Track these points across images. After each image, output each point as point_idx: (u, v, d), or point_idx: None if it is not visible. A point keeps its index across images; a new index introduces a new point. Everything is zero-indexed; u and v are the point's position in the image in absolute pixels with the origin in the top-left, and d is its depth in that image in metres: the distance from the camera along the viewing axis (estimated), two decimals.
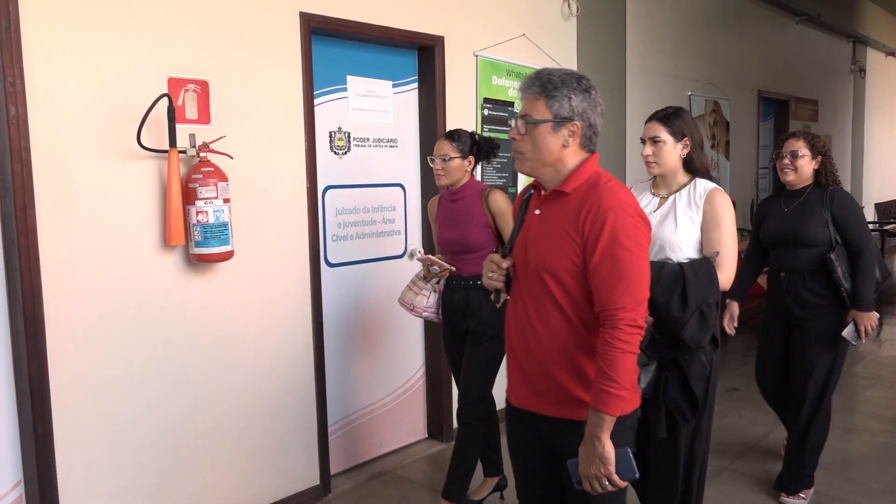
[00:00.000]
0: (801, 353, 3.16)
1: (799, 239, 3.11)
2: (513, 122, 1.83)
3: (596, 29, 4.85)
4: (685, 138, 2.47)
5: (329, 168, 3.43)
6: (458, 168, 2.95)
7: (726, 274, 2.36)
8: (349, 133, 3.52)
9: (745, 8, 6.84)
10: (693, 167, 2.49)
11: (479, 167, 4.04)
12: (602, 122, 1.84)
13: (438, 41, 3.74)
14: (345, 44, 3.45)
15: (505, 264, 1.92)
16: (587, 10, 4.71)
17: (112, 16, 2.53)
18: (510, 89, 4.21)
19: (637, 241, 1.72)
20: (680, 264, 2.32)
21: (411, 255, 3.81)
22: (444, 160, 2.92)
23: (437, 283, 3.07)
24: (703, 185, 2.46)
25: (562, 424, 1.83)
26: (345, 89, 3.48)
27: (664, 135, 2.47)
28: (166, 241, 2.65)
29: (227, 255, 2.75)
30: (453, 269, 2.98)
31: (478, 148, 3.00)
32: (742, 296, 3.37)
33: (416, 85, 3.82)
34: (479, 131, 4.04)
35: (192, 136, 2.70)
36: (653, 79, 5.49)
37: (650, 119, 2.53)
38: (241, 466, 3.02)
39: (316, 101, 3.28)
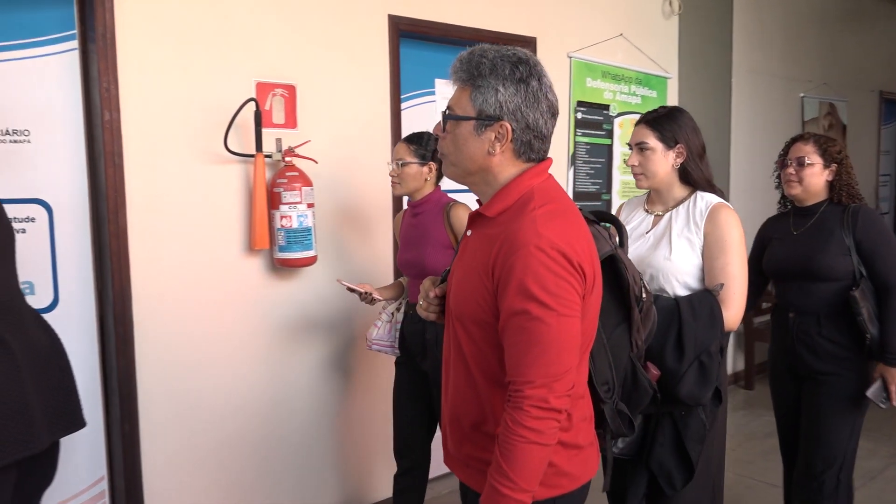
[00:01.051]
0: (814, 417, 2.50)
1: (812, 270, 2.46)
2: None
3: (699, 28, 4.59)
4: (678, 145, 2.07)
5: None
6: (415, 176, 2.52)
7: (732, 311, 1.95)
8: (437, 138, 3.44)
9: (866, 2, 6.34)
10: (690, 179, 2.09)
11: (570, 172, 3.91)
12: (550, 122, 1.41)
13: (530, 43, 3.62)
14: (434, 46, 3.39)
15: (433, 293, 1.59)
16: (690, 7, 4.47)
17: (204, 22, 2.56)
18: (606, 91, 4.04)
19: (556, 294, 1.28)
20: (676, 299, 1.96)
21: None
22: (399, 165, 2.52)
23: (398, 310, 2.64)
24: (704, 200, 2.06)
25: (471, 494, 1.49)
26: (433, 93, 3.41)
27: (652, 140, 2.08)
28: (251, 246, 2.66)
29: (311, 260, 2.73)
30: (372, 294, 2.54)
31: None
32: None
33: None
34: (572, 136, 3.89)
35: (278, 141, 2.70)
36: (761, 80, 5.15)
37: (638, 122, 2.16)
38: (323, 471, 3.00)
39: (403, 105, 3.23)
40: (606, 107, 4.06)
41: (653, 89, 4.30)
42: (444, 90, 3.45)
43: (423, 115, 3.39)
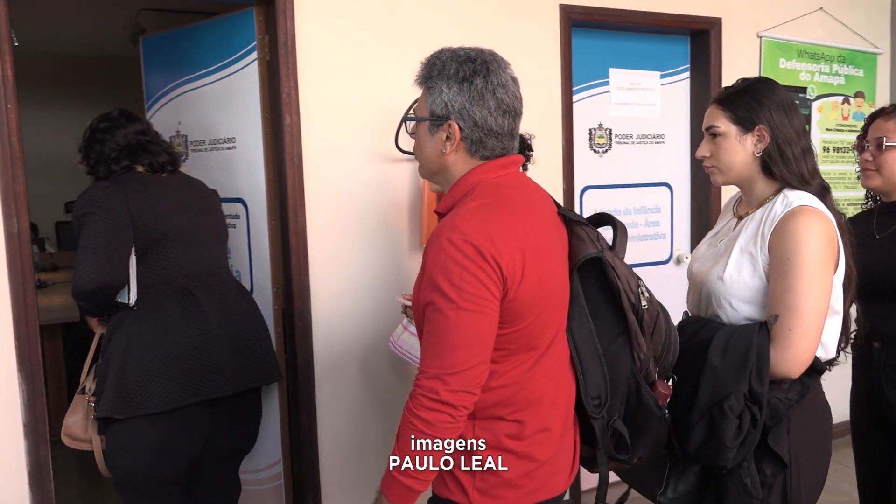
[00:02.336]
0: None
1: (891, 283, 1.96)
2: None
3: None
4: (757, 127, 1.61)
5: (588, 167, 3.24)
6: None
7: (788, 352, 1.48)
8: (611, 130, 3.30)
9: None
10: (774, 173, 1.62)
11: None
12: (503, 119, 1.37)
13: (715, 24, 3.35)
14: (607, 34, 3.24)
15: None
16: None
17: (377, 24, 2.61)
18: (802, 73, 3.66)
19: (460, 288, 1.25)
20: (718, 330, 1.57)
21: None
22: None
23: None
24: (787, 201, 1.57)
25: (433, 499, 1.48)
26: (607, 83, 3.26)
27: (723, 123, 1.65)
28: (420, 243, 2.68)
29: None
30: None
31: None
32: None
33: (687, 74, 3.47)
34: None
35: None
36: None
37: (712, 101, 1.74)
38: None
39: (575, 97, 3.11)
40: (803, 89, 3.68)
41: (859, 67, 3.83)
42: (619, 79, 3.29)
43: (595, 106, 3.25)
